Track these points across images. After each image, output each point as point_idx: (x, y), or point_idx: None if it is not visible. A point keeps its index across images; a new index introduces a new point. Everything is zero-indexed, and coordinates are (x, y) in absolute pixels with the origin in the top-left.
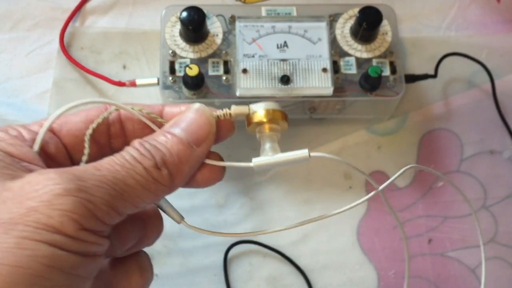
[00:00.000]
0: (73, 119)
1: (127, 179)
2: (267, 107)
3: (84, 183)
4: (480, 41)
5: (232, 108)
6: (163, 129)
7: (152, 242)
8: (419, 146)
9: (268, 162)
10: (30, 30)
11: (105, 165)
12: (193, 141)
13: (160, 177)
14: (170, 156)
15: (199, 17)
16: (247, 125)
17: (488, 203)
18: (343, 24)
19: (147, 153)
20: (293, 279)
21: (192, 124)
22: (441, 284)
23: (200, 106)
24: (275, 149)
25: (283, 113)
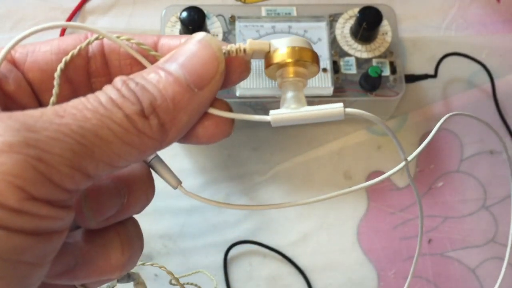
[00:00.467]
0: (42, 48)
1: (99, 129)
2: (293, 44)
3: (35, 135)
4: (480, 41)
5: (248, 43)
6: (156, 64)
7: (140, 209)
8: (419, 146)
9: (289, 116)
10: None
11: (71, 109)
12: (193, 81)
13: (147, 128)
14: (163, 100)
15: (199, 17)
16: (266, 67)
17: (488, 203)
18: (343, 24)
19: (131, 95)
20: (293, 279)
21: (193, 59)
22: (441, 284)
23: (205, 36)
24: (299, 99)
25: (313, 53)
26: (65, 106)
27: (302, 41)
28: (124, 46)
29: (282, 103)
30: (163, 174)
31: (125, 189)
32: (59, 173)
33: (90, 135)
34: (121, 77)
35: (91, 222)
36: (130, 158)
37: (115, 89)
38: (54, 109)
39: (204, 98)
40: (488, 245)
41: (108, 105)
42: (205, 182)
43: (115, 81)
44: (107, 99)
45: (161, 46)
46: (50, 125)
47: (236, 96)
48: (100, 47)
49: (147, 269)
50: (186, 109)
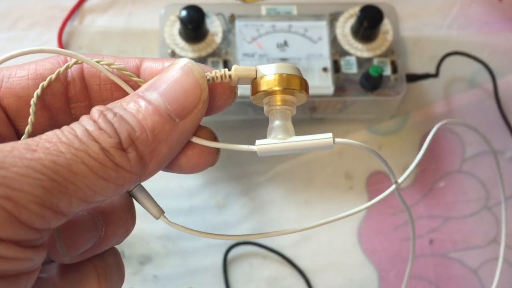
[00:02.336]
0: (18, 73)
1: (74, 164)
2: (280, 71)
3: (3, 172)
4: (481, 40)
5: (233, 69)
6: (136, 92)
7: (119, 241)
8: (420, 146)
9: (276, 147)
10: (28, 29)
11: (44, 143)
12: (175, 111)
13: (124, 161)
14: (141, 131)
15: (199, 16)
16: (252, 93)
17: (490, 203)
18: (343, 23)
19: (108, 127)
20: (293, 280)
21: (175, 87)
22: (443, 285)
23: (188, 62)
24: (287, 129)
25: (301, 80)
26: (38, 140)
27: (290, 67)
28: (105, 72)
29: (269, 132)
30: (145, 204)
31: (103, 221)
32: (28, 212)
33: (63, 171)
34: (98, 108)
35: (65, 257)
36: (107, 193)
37: (91, 121)
38: (26, 142)
39: (186, 128)
40: (490, 246)
41: (84, 138)
42: (205, 182)
43: (92, 111)
44: (83, 131)
45: (144, 70)
46: (21, 161)
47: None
48: (80, 71)
49: (146, 270)
50: (167, 140)
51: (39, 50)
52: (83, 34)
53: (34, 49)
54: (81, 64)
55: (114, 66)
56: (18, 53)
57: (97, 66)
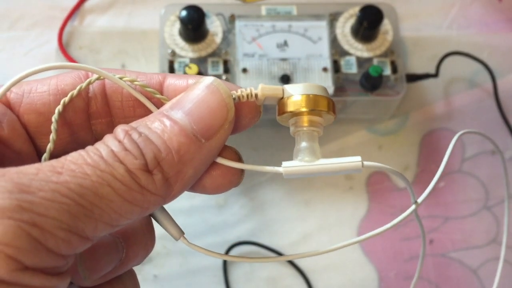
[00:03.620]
0: (38, 89)
1: (100, 187)
2: (308, 91)
3: (30, 197)
4: (481, 40)
5: (259, 88)
6: (161, 110)
7: (139, 262)
8: (420, 146)
9: (303, 170)
10: (28, 29)
11: (69, 165)
12: (200, 131)
13: (150, 184)
14: (167, 152)
15: (199, 16)
16: (278, 113)
17: (489, 203)
18: (343, 23)
19: (134, 148)
20: (293, 280)
21: (201, 107)
22: (442, 285)
23: (214, 81)
24: (314, 151)
25: (329, 101)
26: (64, 161)
27: (317, 88)
28: (128, 88)
29: (296, 154)
30: (165, 225)
31: (124, 243)
32: (55, 239)
33: (89, 194)
34: (123, 127)
35: (86, 281)
36: (132, 216)
37: (116, 141)
38: (51, 164)
39: (212, 149)
40: (490, 246)
41: (109, 160)
42: None
43: (117, 131)
44: (108, 152)
45: (167, 86)
46: (47, 184)
47: None
48: (101, 87)
49: (146, 270)
50: (192, 162)
51: (62, 66)
52: (83, 34)
53: (56, 65)
54: (103, 80)
55: (137, 82)
56: (39, 69)
57: (120, 82)
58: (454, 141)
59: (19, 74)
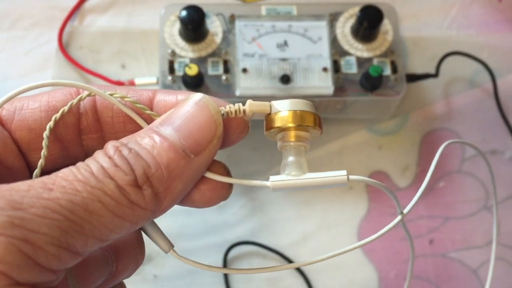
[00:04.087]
0: (30, 105)
1: (90, 203)
2: (294, 107)
3: (21, 213)
4: (481, 40)
5: (247, 104)
6: (151, 126)
7: (129, 275)
8: (420, 146)
9: (290, 183)
10: (28, 29)
11: (60, 181)
12: (190, 147)
13: (140, 199)
14: (157, 168)
15: (199, 16)
16: (266, 128)
17: (489, 203)
18: (343, 23)
19: (124, 164)
20: (293, 280)
21: (190, 123)
22: (442, 285)
23: (203, 98)
24: (301, 165)
25: (315, 116)
26: (55, 178)
27: (304, 103)
28: (118, 105)
29: (283, 168)
30: (155, 238)
31: (113, 257)
32: (46, 254)
33: (80, 210)
34: (113, 143)
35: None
36: (121, 231)
37: (107, 157)
38: (42, 181)
39: (200, 164)
40: (490, 246)
41: (100, 176)
42: None
43: (107, 147)
44: (99, 168)
45: (157, 102)
46: (38, 201)
47: (236, 96)
48: (92, 103)
49: (146, 270)
50: (182, 177)
51: (53, 83)
52: (83, 34)
53: (48, 83)
54: (94, 96)
55: (127, 99)
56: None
57: (110, 99)
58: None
59: (11, 92)
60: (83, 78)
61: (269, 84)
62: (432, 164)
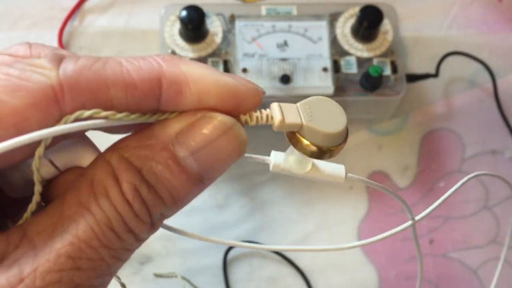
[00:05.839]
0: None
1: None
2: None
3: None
4: (481, 40)
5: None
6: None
7: None
8: (420, 146)
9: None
10: (28, 30)
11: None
12: (207, 176)
13: (150, 234)
14: (172, 204)
15: (199, 16)
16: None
17: (490, 203)
18: (343, 23)
19: (144, 213)
20: (293, 280)
21: (213, 156)
22: (442, 285)
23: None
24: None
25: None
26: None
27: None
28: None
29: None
30: None
31: None
32: None
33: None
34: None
35: None
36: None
37: (125, 203)
38: (69, 255)
39: (209, 184)
40: (490, 246)
41: (121, 232)
42: None
43: (124, 186)
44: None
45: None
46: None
47: None
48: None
49: (146, 270)
50: (190, 199)
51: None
52: (83, 34)
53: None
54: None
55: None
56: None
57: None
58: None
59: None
60: None
61: (269, 84)
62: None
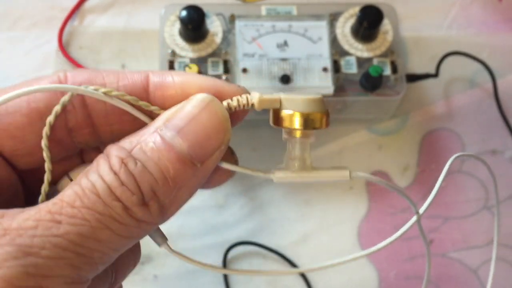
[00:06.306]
0: (9, 110)
1: (99, 232)
2: (304, 109)
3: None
4: (481, 40)
5: (256, 99)
6: (155, 127)
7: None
8: (420, 146)
9: (293, 179)
10: (28, 29)
11: (67, 209)
12: (197, 156)
13: (146, 216)
14: (164, 182)
15: (199, 16)
16: (273, 122)
17: (489, 203)
18: (343, 23)
19: (131, 182)
20: (293, 280)
21: (197, 130)
22: (442, 285)
23: (211, 101)
24: (304, 161)
25: (323, 116)
26: (61, 205)
27: (313, 103)
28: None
29: (287, 161)
30: (151, 232)
31: (113, 266)
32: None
33: (89, 242)
34: (117, 152)
35: None
36: (128, 247)
37: (112, 173)
38: (49, 211)
39: (206, 171)
40: (490, 246)
41: (107, 199)
42: None
43: (112, 160)
44: (105, 189)
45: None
46: (48, 240)
47: None
48: (80, 97)
49: (146, 270)
50: (187, 186)
51: (37, 89)
52: (83, 34)
53: (32, 89)
54: None
55: (127, 97)
56: (15, 95)
57: (107, 99)
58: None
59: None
60: None
61: (269, 84)
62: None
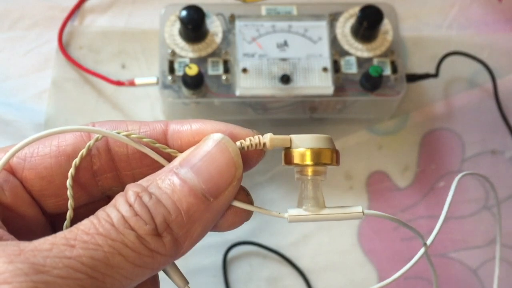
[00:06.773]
0: (40, 152)
1: (111, 257)
2: (314, 145)
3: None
4: (481, 40)
5: (268, 139)
6: (171, 167)
7: None
8: (420, 146)
9: (307, 218)
10: (28, 29)
11: (81, 235)
12: (209, 191)
13: (160, 247)
14: (177, 214)
15: (199, 16)
16: (285, 162)
17: (490, 203)
18: (343, 23)
19: (144, 213)
20: (293, 280)
21: (210, 166)
22: (442, 285)
23: (223, 139)
24: (318, 200)
25: (332, 153)
26: (76, 232)
27: (323, 140)
28: (135, 146)
29: (301, 202)
30: (171, 275)
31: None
32: None
33: (101, 266)
34: (134, 188)
35: None
36: (142, 278)
37: (127, 205)
38: (64, 237)
39: (220, 206)
40: (490, 246)
41: (120, 227)
42: None
43: (128, 194)
44: (119, 219)
45: (171, 134)
46: (60, 261)
47: (236, 96)
48: (104, 142)
49: None
50: (201, 220)
51: (62, 130)
52: (83, 34)
53: (57, 130)
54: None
55: (145, 139)
56: (41, 136)
57: (127, 141)
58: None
59: (21, 142)
60: (83, 78)
61: (269, 84)
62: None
